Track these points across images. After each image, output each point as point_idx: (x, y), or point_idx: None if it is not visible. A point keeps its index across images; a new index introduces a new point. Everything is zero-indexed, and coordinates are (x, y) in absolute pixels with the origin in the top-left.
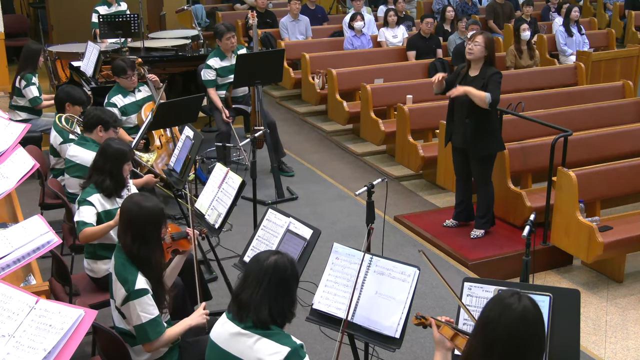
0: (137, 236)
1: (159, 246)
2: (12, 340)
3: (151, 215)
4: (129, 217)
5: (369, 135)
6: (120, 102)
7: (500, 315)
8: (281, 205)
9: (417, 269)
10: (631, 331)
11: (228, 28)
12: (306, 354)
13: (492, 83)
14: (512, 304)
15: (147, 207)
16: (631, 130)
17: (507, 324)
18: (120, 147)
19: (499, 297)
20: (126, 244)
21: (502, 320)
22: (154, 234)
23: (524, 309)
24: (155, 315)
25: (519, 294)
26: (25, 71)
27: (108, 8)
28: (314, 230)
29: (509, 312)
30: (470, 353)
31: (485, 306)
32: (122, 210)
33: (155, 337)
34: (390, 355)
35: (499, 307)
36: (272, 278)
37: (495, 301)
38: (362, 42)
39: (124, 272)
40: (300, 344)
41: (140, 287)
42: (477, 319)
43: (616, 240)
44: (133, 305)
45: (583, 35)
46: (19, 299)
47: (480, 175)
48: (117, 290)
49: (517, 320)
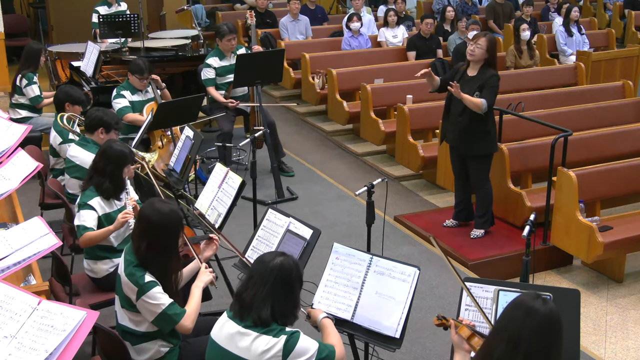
0: (153, 244)
1: (174, 254)
2: (14, 341)
3: (170, 223)
4: (147, 223)
5: (369, 135)
6: (129, 96)
7: (527, 315)
8: (281, 205)
9: (417, 269)
10: (631, 331)
11: (230, 30)
12: (301, 334)
13: (489, 87)
14: (539, 307)
15: (167, 215)
16: (631, 130)
17: (535, 325)
18: (121, 150)
19: (523, 300)
20: (140, 250)
21: (529, 320)
22: (171, 243)
23: (550, 311)
24: (171, 301)
25: (542, 298)
26: (27, 70)
27: (108, 8)
28: (314, 230)
29: (536, 313)
30: (490, 351)
31: (506, 309)
32: (141, 215)
33: (181, 318)
34: (390, 355)
35: (524, 309)
36: (277, 279)
37: (519, 304)
38: (359, 43)
39: (133, 271)
40: (295, 330)
41: (150, 279)
42: (496, 323)
43: (616, 240)
44: (147, 298)
45: (583, 35)
46: (21, 300)
47: (476, 175)
48: (129, 288)
49: (545, 322)
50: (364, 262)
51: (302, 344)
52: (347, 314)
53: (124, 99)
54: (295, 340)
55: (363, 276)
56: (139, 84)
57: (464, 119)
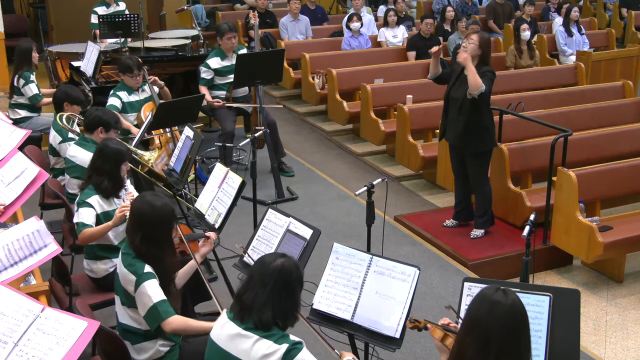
0: (147, 236)
1: (170, 246)
2: (15, 349)
3: (162, 215)
4: (139, 217)
5: (369, 135)
6: (125, 97)
7: (490, 311)
8: (281, 205)
9: (417, 269)
10: (631, 331)
11: (230, 28)
12: (304, 347)
13: (485, 78)
14: (500, 300)
15: (159, 207)
16: (631, 130)
17: (500, 319)
18: (118, 147)
19: (484, 294)
20: (135, 243)
21: (494, 315)
22: (164, 235)
23: (513, 303)
24: (164, 298)
25: (502, 290)
26: (22, 70)
27: (107, 8)
28: (314, 230)
29: (499, 307)
30: (462, 352)
31: (471, 305)
32: (133, 209)
33: (166, 317)
34: (390, 355)
35: (487, 304)
36: (278, 281)
37: (481, 299)
38: (359, 43)
39: (132, 262)
40: (299, 341)
41: (148, 270)
42: (463, 320)
43: (616, 240)
44: (144, 288)
45: (583, 35)
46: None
47: (476, 174)
48: (127, 280)
49: (510, 314)
50: (364, 262)
51: (302, 357)
52: (347, 314)
53: (116, 99)
54: (297, 352)
55: (363, 276)
56: (132, 82)
57: (462, 116)
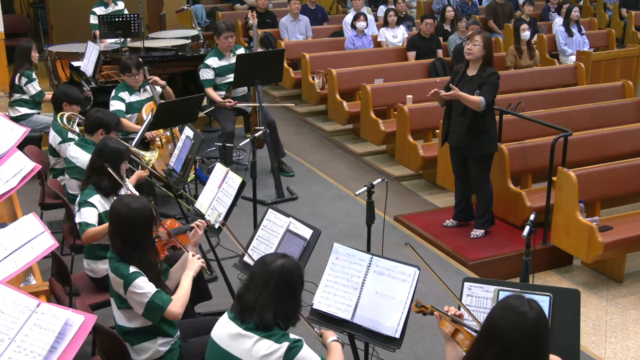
0: (127, 238)
1: (151, 247)
2: (13, 344)
3: (140, 216)
4: (118, 219)
5: (369, 135)
6: (127, 98)
7: (516, 324)
8: (281, 205)
9: (417, 269)
10: (631, 331)
11: (228, 27)
12: (304, 345)
13: (489, 84)
14: (527, 312)
15: (136, 209)
16: (631, 130)
17: (527, 333)
18: (116, 147)
19: (508, 305)
20: (116, 246)
21: (520, 329)
22: (144, 235)
23: (537, 314)
24: (157, 289)
25: (527, 300)
26: (23, 69)
27: (105, 8)
28: (314, 230)
29: (525, 321)
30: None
31: (493, 315)
32: (111, 212)
33: (168, 304)
34: (390, 355)
35: (513, 316)
36: (279, 281)
37: (505, 310)
38: (363, 42)
39: (117, 265)
40: (299, 339)
41: (133, 270)
42: (484, 328)
43: (616, 240)
44: (134, 287)
45: (583, 35)
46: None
47: (477, 175)
48: (117, 283)
49: (535, 327)
50: (364, 262)
51: (304, 354)
52: (347, 314)
53: (120, 102)
54: (298, 349)
55: (363, 276)
56: (133, 81)
57: (465, 118)
